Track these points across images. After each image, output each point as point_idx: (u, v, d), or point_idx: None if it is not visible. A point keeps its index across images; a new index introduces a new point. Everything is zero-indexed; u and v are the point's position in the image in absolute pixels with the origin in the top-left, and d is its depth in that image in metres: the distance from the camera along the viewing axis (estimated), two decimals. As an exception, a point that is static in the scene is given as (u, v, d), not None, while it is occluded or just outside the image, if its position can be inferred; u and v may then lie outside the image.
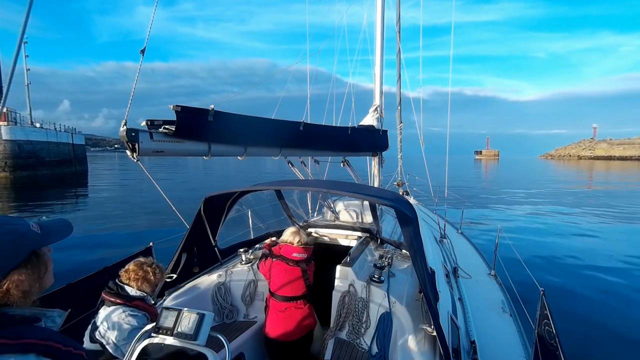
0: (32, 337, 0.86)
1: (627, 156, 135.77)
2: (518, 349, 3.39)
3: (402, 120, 8.32)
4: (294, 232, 3.08)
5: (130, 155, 2.54)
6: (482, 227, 13.00)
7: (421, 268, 2.39)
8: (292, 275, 2.94)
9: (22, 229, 0.93)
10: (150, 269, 2.28)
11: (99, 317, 2.13)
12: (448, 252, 5.22)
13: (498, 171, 61.95)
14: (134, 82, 2.58)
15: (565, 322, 5.56)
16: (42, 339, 0.87)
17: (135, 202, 19.29)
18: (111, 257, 3.34)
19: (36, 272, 0.96)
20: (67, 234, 1.07)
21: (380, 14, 6.81)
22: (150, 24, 2.68)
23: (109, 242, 11.17)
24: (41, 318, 0.95)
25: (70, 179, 33.84)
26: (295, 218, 4.76)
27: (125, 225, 13.72)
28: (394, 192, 5.90)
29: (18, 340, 0.82)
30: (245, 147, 3.46)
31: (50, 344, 0.87)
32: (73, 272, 3.71)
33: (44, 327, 0.94)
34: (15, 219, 0.96)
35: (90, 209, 18.12)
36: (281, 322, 2.91)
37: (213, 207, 3.44)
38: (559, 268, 9.19)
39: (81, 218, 15.29)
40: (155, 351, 1.78)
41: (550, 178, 45.96)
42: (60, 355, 0.88)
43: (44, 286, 1.01)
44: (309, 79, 7.22)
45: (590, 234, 13.43)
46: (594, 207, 19.92)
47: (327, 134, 4.98)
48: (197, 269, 3.48)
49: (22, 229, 0.93)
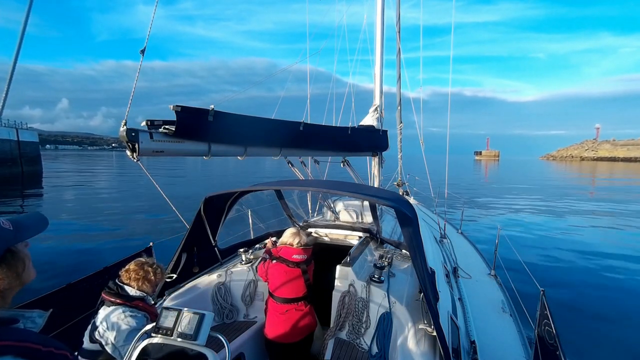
0: (9, 338, 0.83)
1: (632, 157, 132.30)
2: (518, 349, 3.39)
3: (402, 120, 8.32)
4: (294, 234, 3.05)
5: (130, 155, 2.54)
6: (482, 227, 13.00)
7: (421, 268, 2.39)
8: (292, 277, 2.92)
9: None
10: (151, 269, 2.28)
11: (98, 317, 2.12)
12: (448, 252, 5.23)
13: (499, 173, 60.85)
14: (134, 82, 2.58)
15: (565, 322, 5.56)
16: (20, 340, 0.84)
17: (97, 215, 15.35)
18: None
19: (13, 270, 0.94)
20: (42, 228, 1.04)
21: (380, 14, 6.81)
22: (150, 24, 2.68)
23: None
24: (19, 319, 0.92)
25: (13, 181, 29.06)
26: (295, 218, 4.76)
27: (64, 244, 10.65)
28: (394, 192, 5.90)
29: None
30: (245, 147, 3.46)
31: (29, 345, 0.85)
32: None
33: (22, 329, 0.92)
34: None
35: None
36: (281, 324, 2.90)
37: (213, 207, 3.44)
38: (559, 268, 9.20)
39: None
40: (155, 351, 1.78)
41: (550, 177, 45.83)
42: (40, 356, 0.86)
43: (25, 282, 0.99)
44: (309, 78, 7.23)
45: (590, 234, 13.44)
46: (595, 207, 19.93)
47: (327, 134, 4.97)
48: (197, 269, 3.48)
49: None
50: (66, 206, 18.63)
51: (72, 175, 38.56)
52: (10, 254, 0.94)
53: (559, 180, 43.53)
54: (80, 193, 23.73)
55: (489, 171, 67.98)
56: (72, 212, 16.46)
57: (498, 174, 58.98)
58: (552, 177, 50.32)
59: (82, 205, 18.63)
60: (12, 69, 1.59)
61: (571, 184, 37.29)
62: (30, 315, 0.97)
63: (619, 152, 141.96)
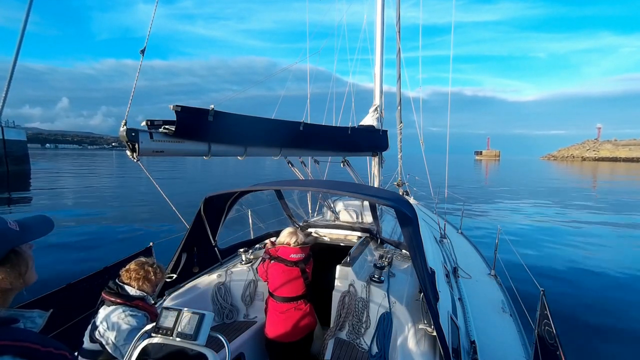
0: (8, 338, 0.83)
1: (634, 157, 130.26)
2: (518, 349, 3.40)
3: (402, 120, 8.32)
4: (291, 233, 3.07)
5: (130, 155, 2.54)
6: (482, 227, 12.99)
7: (421, 268, 2.39)
8: (291, 276, 2.94)
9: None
10: (151, 268, 2.28)
11: (98, 316, 2.12)
12: (448, 252, 5.23)
13: (500, 174, 59.21)
14: (134, 82, 2.58)
15: (565, 322, 5.56)
16: (19, 340, 0.84)
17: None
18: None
19: (16, 271, 0.94)
20: (47, 231, 1.05)
21: (380, 14, 6.81)
22: (150, 24, 2.67)
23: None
24: (19, 319, 0.92)
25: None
26: (295, 218, 4.77)
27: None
28: (394, 192, 5.90)
29: None
30: (245, 147, 3.46)
31: (28, 345, 0.85)
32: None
33: (21, 328, 0.92)
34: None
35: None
36: (282, 323, 2.90)
37: (213, 207, 3.44)
38: (559, 268, 9.19)
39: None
40: (155, 351, 1.78)
41: (551, 177, 45.57)
42: (39, 356, 0.86)
43: (27, 283, 0.99)
44: (310, 78, 7.22)
45: (590, 234, 13.43)
46: (595, 207, 19.93)
47: (327, 134, 4.97)
48: (197, 269, 3.48)
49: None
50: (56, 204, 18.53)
51: (62, 176, 37.07)
52: (14, 254, 0.95)
53: (562, 180, 43.10)
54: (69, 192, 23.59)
55: (490, 171, 66.96)
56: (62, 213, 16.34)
57: (499, 174, 58.02)
58: (554, 177, 50.04)
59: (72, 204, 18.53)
60: (12, 68, 1.59)
61: (574, 186, 36.73)
62: (31, 315, 0.97)
63: (621, 152, 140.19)
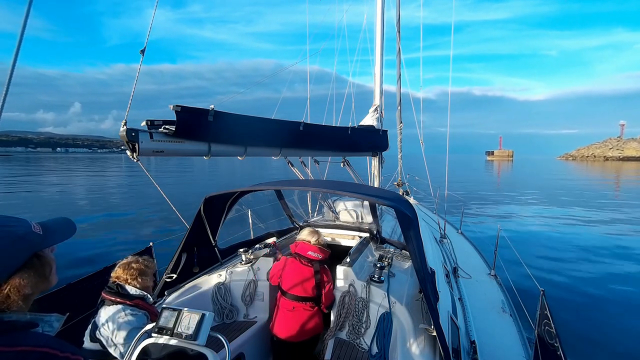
0: (28, 343, 0.83)
1: None
2: (518, 349, 3.39)
3: (402, 120, 8.32)
4: (312, 232, 3.13)
5: (130, 155, 2.55)
6: (482, 227, 12.98)
7: (421, 268, 2.39)
8: (304, 275, 2.94)
9: (20, 230, 0.90)
10: (138, 264, 2.27)
11: (99, 316, 2.12)
12: (448, 252, 5.23)
13: (514, 175, 49.73)
14: (134, 82, 2.58)
15: (565, 322, 5.56)
16: (39, 346, 0.84)
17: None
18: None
19: (39, 274, 0.93)
20: (70, 234, 1.04)
21: (380, 14, 6.81)
22: (150, 25, 2.68)
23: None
24: (38, 323, 0.92)
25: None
26: (295, 218, 4.77)
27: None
28: (394, 192, 5.90)
29: (13, 348, 0.80)
30: (245, 147, 3.47)
31: (47, 350, 0.84)
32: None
33: (40, 333, 0.91)
34: (15, 219, 0.93)
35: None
36: (289, 322, 2.91)
37: (213, 207, 3.44)
38: (559, 268, 9.18)
39: None
40: (155, 351, 1.78)
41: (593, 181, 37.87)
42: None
43: (48, 287, 0.99)
44: (314, 79, 7.25)
45: (590, 234, 13.42)
46: (595, 208, 19.91)
47: (327, 134, 4.98)
48: (197, 269, 3.48)
49: (20, 230, 0.90)
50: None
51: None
52: (37, 258, 0.93)
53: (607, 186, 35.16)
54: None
55: (502, 173, 58.07)
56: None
57: (514, 176, 48.26)
58: (595, 181, 40.94)
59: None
60: (11, 67, 1.59)
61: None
62: (49, 319, 0.96)
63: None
